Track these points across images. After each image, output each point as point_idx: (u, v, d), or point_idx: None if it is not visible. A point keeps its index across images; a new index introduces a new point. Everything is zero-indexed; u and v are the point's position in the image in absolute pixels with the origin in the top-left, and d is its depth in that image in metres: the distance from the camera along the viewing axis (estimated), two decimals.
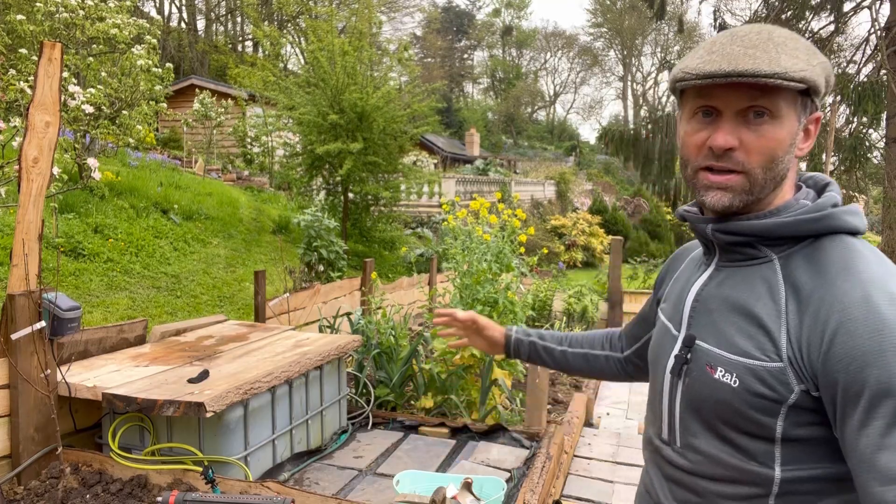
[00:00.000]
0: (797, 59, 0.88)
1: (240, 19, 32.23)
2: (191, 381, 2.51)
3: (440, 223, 13.33)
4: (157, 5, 30.73)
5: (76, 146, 6.07)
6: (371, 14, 19.80)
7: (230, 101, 14.60)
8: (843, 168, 10.17)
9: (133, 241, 7.27)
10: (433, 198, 15.10)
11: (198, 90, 15.46)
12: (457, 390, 3.82)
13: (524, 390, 3.90)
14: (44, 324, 2.44)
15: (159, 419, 2.54)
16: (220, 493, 1.96)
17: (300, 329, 4.56)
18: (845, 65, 10.45)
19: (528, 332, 1.44)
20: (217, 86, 17.12)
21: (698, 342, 0.97)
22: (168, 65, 7.69)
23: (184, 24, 30.52)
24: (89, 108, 5.43)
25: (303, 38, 24.20)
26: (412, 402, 3.93)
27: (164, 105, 7.75)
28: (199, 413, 2.27)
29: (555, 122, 50.74)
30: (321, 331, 4.46)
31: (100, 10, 7.16)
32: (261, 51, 25.46)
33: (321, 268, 7.30)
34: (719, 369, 0.92)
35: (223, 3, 32.08)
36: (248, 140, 15.26)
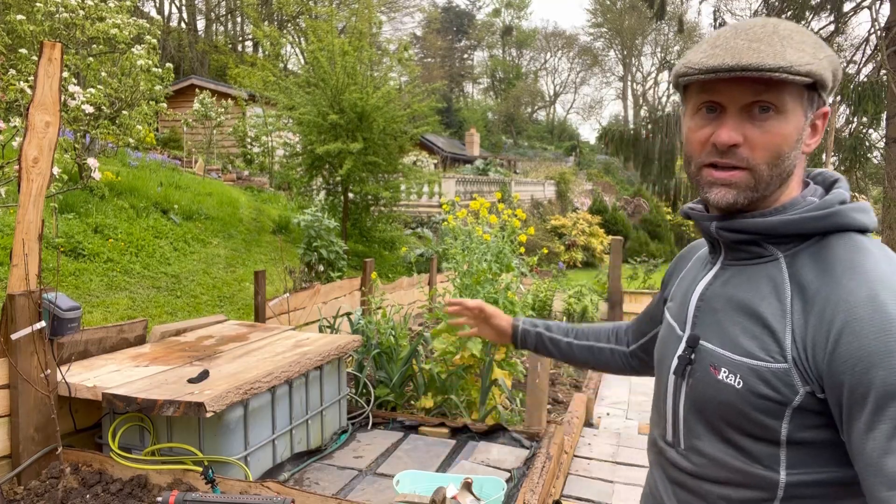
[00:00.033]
0: (803, 53, 0.85)
1: (240, 19, 32.24)
2: (191, 381, 2.51)
3: (440, 223, 13.33)
4: (157, 5, 30.76)
5: (76, 146, 6.08)
6: (371, 14, 19.80)
7: (230, 101, 14.60)
8: (843, 168, 10.17)
9: (133, 241, 7.27)
10: (433, 198, 15.10)
11: (198, 90, 15.47)
12: (457, 390, 3.82)
13: (524, 390, 3.90)
14: (44, 324, 2.44)
15: (159, 419, 2.54)
16: (220, 493, 1.96)
17: (300, 329, 4.56)
18: (845, 65, 10.44)
19: (535, 322, 1.45)
20: (217, 86, 17.12)
21: (702, 342, 0.95)
22: (168, 65, 7.70)
23: (184, 24, 30.53)
24: (89, 108, 5.43)
25: (303, 38, 24.20)
26: (412, 402, 3.93)
27: (164, 105, 7.75)
28: (199, 413, 2.27)
29: (555, 122, 50.74)
30: (321, 331, 4.46)
31: (100, 10, 7.16)
32: (261, 51, 25.46)
33: (321, 268, 7.30)
34: (723, 370, 0.90)
35: (223, 3, 32.09)
36: (248, 140, 15.26)
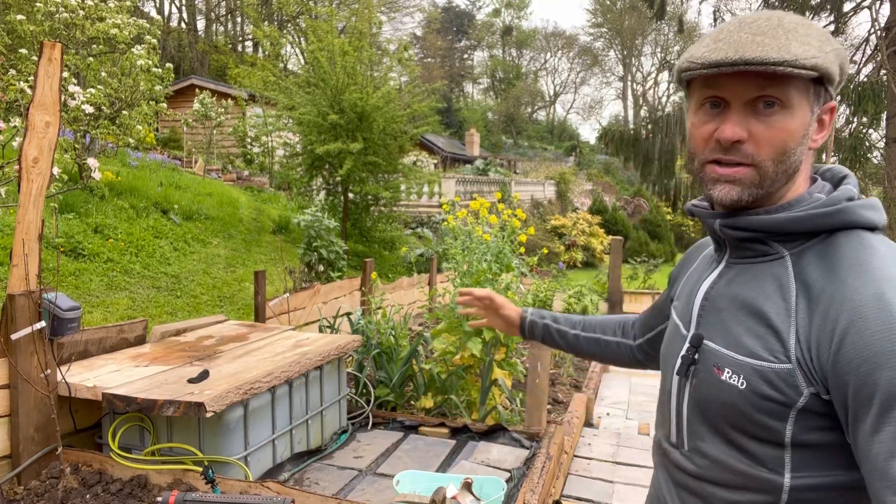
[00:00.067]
0: (809, 46, 0.83)
1: (240, 19, 32.25)
2: (191, 381, 2.51)
3: (440, 223, 13.33)
4: (157, 5, 30.76)
5: (76, 146, 6.07)
6: (371, 14, 19.81)
7: (230, 101, 14.60)
8: None
9: (133, 241, 7.27)
10: (433, 198, 15.10)
11: (198, 90, 15.47)
12: (457, 390, 3.82)
13: (524, 390, 3.90)
14: (44, 324, 2.44)
15: (159, 419, 2.54)
16: (220, 493, 1.96)
17: (300, 329, 4.57)
18: None
19: (543, 314, 1.45)
20: (217, 86, 17.13)
21: (706, 342, 0.94)
22: (168, 65, 7.70)
23: (184, 24, 30.54)
24: (89, 108, 5.43)
25: (303, 38, 24.21)
26: (412, 402, 3.93)
27: (164, 105, 7.75)
28: (199, 413, 2.27)
29: (555, 122, 50.76)
30: (321, 331, 4.46)
31: (100, 10, 7.16)
32: (261, 51, 25.47)
33: (321, 268, 7.30)
34: (726, 370, 0.89)
35: (223, 3, 32.09)
36: (248, 140, 15.26)
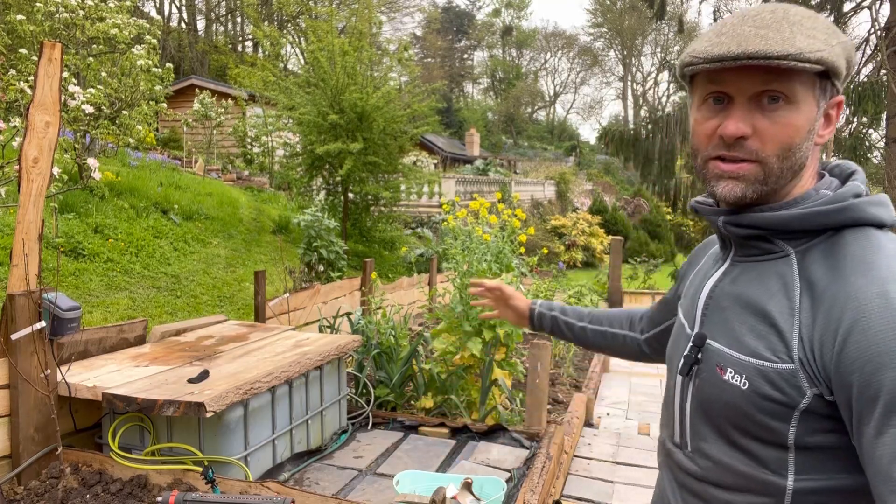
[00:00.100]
0: (814, 39, 0.81)
1: (240, 19, 32.25)
2: (191, 381, 2.51)
3: (440, 223, 13.33)
4: (157, 5, 30.77)
5: (76, 146, 6.07)
6: (371, 14, 19.81)
7: (230, 101, 14.61)
8: None
9: (133, 241, 7.27)
10: (433, 198, 15.11)
11: (198, 90, 15.47)
12: (457, 390, 3.82)
13: (524, 390, 3.90)
14: (44, 324, 2.44)
15: (159, 419, 2.54)
16: (220, 493, 1.96)
17: (300, 329, 4.57)
18: None
19: (552, 305, 1.46)
20: (217, 86, 17.13)
21: (709, 341, 0.92)
22: (168, 65, 7.70)
23: (184, 24, 30.54)
24: (89, 108, 5.43)
25: (303, 39, 24.21)
26: (412, 402, 3.93)
27: (164, 105, 7.75)
28: (199, 413, 2.27)
29: (555, 122, 50.76)
30: (321, 331, 4.46)
31: (100, 10, 7.16)
32: (261, 51, 25.47)
33: (321, 268, 7.30)
34: (729, 370, 0.87)
35: (223, 3, 32.10)
36: (248, 140, 15.26)
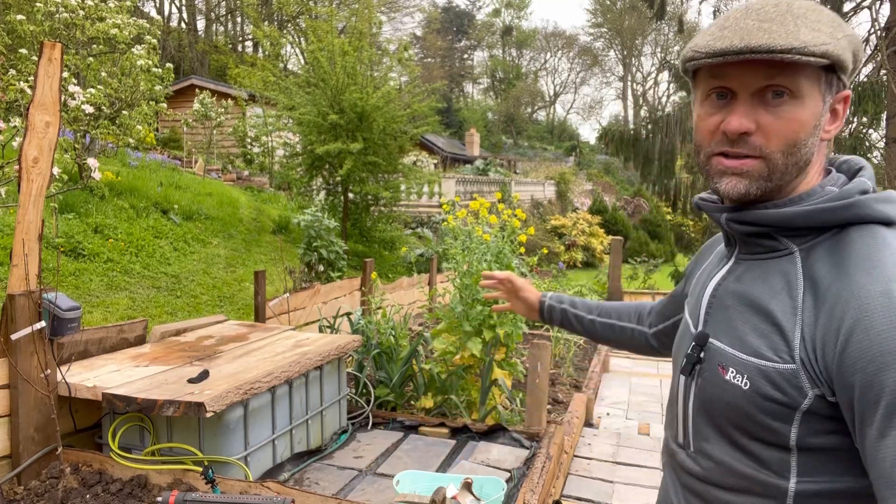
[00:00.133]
0: (819, 33, 0.80)
1: (240, 19, 32.26)
2: (191, 381, 2.51)
3: (440, 223, 13.33)
4: (157, 5, 30.77)
5: (76, 146, 6.08)
6: (371, 14, 19.80)
7: (230, 101, 14.61)
8: None
9: (133, 241, 7.27)
10: (433, 198, 15.11)
11: (198, 90, 15.47)
12: (457, 390, 3.82)
13: (524, 390, 3.90)
14: (44, 324, 2.44)
15: (159, 419, 2.54)
16: (220, 493, 1.96)
17: (300, 329, 4.57)
18: None
19: (561, 298, 1.46)
20: (217, 86, 17.13)
21: (712, 340, 0.91)
22: (168, 65, 7.70)
23: (184, 24, 30.55)
24: (89, 108, 5.43)
25: (303, 38, 24.21)
26: (412, 402, 3.93)
27: (164, 105, 7.76)
28: (199, 413, 2.27)
29: (555, 122, 50.78)
30: (321, 331, 4.46)
31: (100, 10, 7.17)
32: (261, 51, 25.48)
33: (321, 268, 7.30)
34: (731, 370, 0.86)
35: (223, 3, 32.10)
36: (248, 140, 15.26)
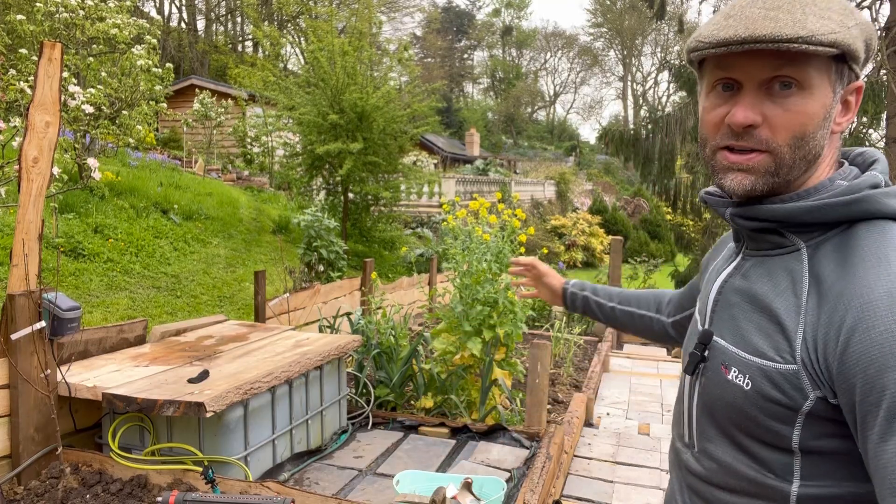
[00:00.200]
0: (828, 21, 0.76)
1: (240, 19, 32.26)
2: (191, 381, 2.51)
3: (440, 223, 13.33)
4: (157, 5, 30.78)
5: (76, 146, 6.08)
6: (371, 14, 19.81)
7: (230, 101, 14.62)
8: None
9: (133, 241, 7.27)
10: (433, 198, 15.11)
11: (198, 90, 15.48)
12: (457, 390, 3.82)
13: (524, 390, 3.90)
14: (44, 324, 2.44)
15: (159, 419, 2.54)
16: (220, 493, 1.96)
17: (300, 329, 4.57)
18: None
19: (584, 285, 1.46)
20: (217, 86, 17.13)
21: (716, 339, 0.89)
22: (168, 65, 7.70)
23: (184, 24, 30.55)
24: (89, 108, 5.43)
25: (303, 38, 24.21)
26: (412, 402, 3.93)
27: (164, 105, 7.76)
28: (199, 413, 2.27)
29: (555, 122, 50.80)
30: (321, 331, 4.46)
31: (100, 10, 7.17)
32: (261, 51, 25.48)
33: (321, 268, 7.30)
34: (733, 370, 0.84)
35: (223, 3, 32.10)
36: (248, 140, 15.27)
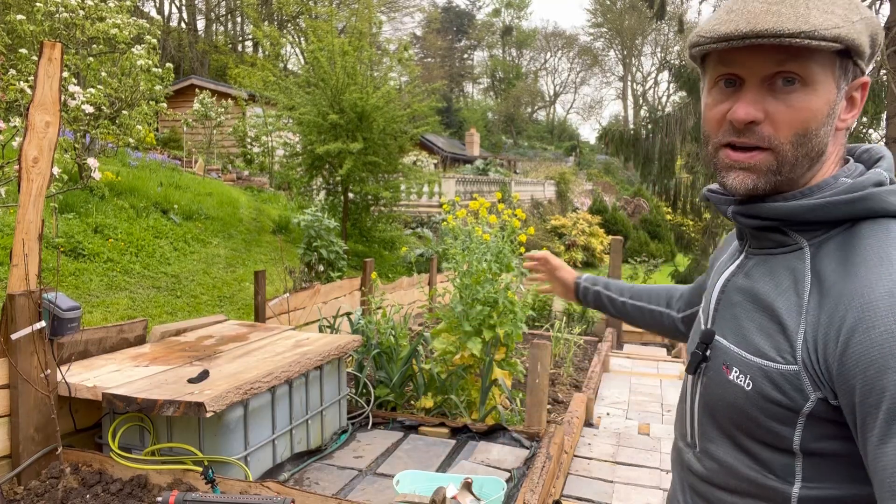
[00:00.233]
0: (831, 15, 0.75)
1: (240, 19, 32.26)
2: (191, 381, 2.51)
3: (440, 223, 13.33)
4: (157, 5, 30.78)
5: (76, 146, 6.08)
6: (371, 14, 19.81)
7: (230, 101, 14.62)
8: None
9: (133, 241, 7.27)
10: (433, 198, 15.11)
11: (198, 90, 15.48)
12: (457, 390, 3.82)
13: (524, 390, 3.90)
14: (44, 324, 2.44)
15: (159, 419, 2.54)
16: (220, 493, 1.96)
17: (300, 329, 4.56)
18: None
19: (596, 280, 1.47)
20: (217, 86, 17.13)
21: (718, 338, 0.88)
22: (168, 65, 7.70)
23: (184, 24, 30.55)
24: (89, 108, 5.43)
25: (303, 38, 24.21)
26: (412, 402, 3.93)
27: (164, 105, 7.76)
28: (199, 413, 2.27)
29: (555, 122, 50.81)
30: (321, 331, 4.45)
31: (100, 10, 7.17)
32: (261, 51, 25.48)
33: (321, 268, 7.30)
34: (734, 370, 0.83)
35: (223, 3, 32.10)
36: (248, 140, 15.27)
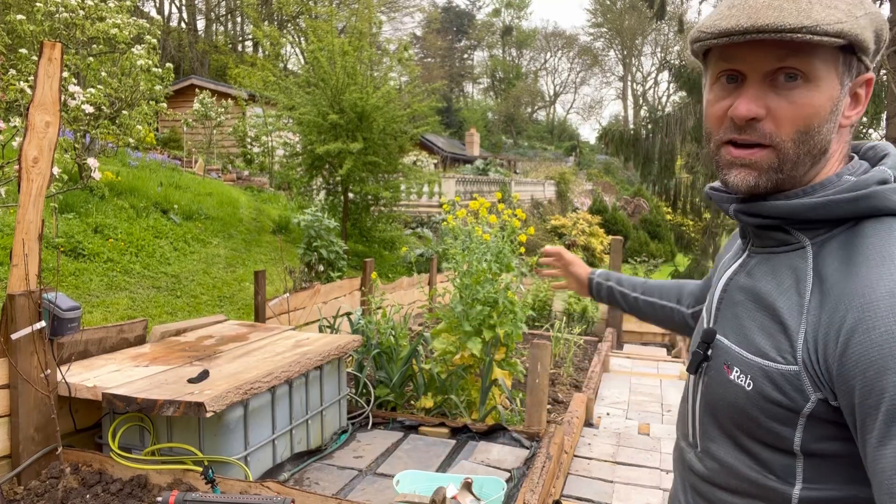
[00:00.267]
0: (834, 10, 0.74)
1: (240, 19, 32.27)
2: (191, 381, 2.51)
3: (440, 223, 13.33)
4: (157, 5, 30.78)
5: (76, 146, 6.08)
6: (371, 14, 19.81)
7: (230, 101, 14.62)
8: None
9: (133, 241, 7.28)
10: (433, 198, 15.11)
11: (198, 90, 15.48)
12: (457, 390, 3.82)
13: (524, 390, 3.90)
14: (44, 324, 2.44)
15: (159, 419, 2.54)
16: (220, 493, 1.96)
17: (300, 329, 4.56)
18: None
19: (608, 275, 1.49)
20: (217, 86, 17.14)
21: (719, 338, 0.88)
22: (168, 65, 7.70)
23: (184, 24, 30.55)
24: (89, 108, 5.43)
25: (303, 38, 24.22)
26: (412, 402, 3.93)
27: (164, 105, 7.76)
28: (199, 413, 2.27)
29: (555, 122, 50.82)
30: (321, 331, 4.45)
31: (100, 10, 7.17)
32: (261, 51, 25.49)
33: (321, 268, 7.30)
34: (735, 369, 0.83)
35: (223, 3, 32.11)
36: (248, 140, 15.27)
